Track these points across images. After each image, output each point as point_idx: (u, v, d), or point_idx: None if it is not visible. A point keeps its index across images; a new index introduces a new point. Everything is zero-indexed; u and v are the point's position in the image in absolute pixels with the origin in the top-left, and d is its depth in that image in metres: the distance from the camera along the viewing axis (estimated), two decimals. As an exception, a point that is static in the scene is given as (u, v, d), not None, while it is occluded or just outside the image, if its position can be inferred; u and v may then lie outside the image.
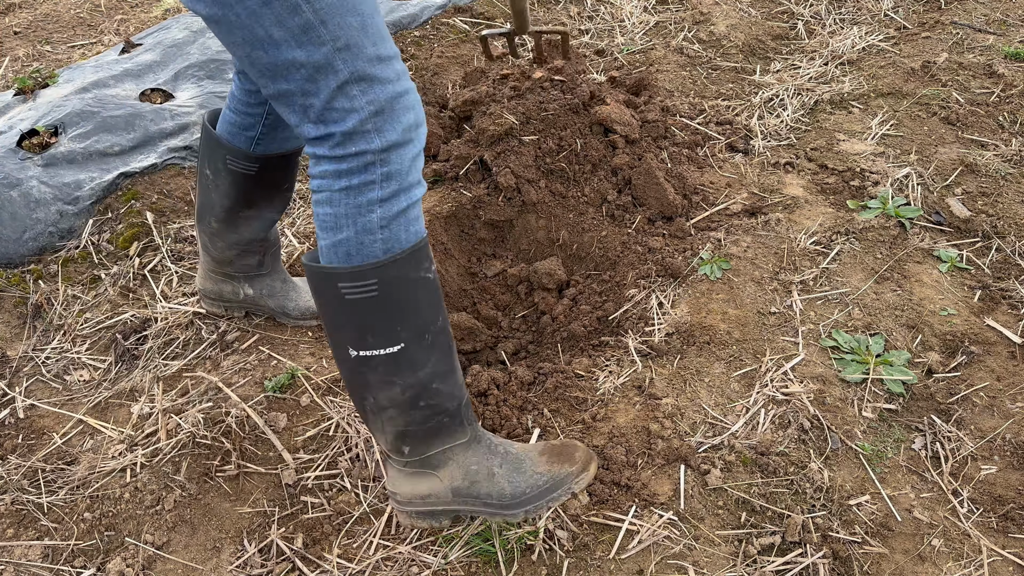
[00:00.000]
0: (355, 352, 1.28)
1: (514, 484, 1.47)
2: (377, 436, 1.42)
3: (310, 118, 1.16)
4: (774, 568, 1.45)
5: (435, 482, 1.44)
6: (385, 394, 1.33)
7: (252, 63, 1.13)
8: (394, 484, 1.47)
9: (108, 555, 1.52)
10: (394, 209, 1.21)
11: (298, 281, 2.01)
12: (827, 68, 3.02)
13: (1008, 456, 1.65)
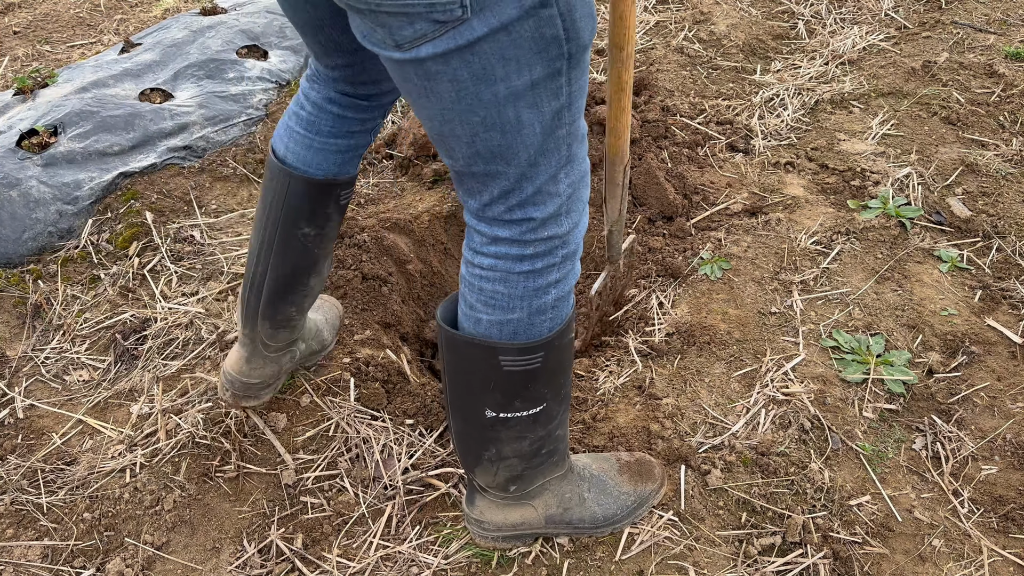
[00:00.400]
0: (493, 414, 1.23)
1: (604, 507, 1.48)
2: (481, 477, 1.36)
3: (509, 202, 1.06)
4: (775, 568, 1.44)
5: (529, 511, 1.43)
6: (512, 447, 1.29)
7: (471, 143, 0.99)
8: (483, 513, 1.43)
9: (108, 555, 1.52)
10: (567, 288, 1.16)
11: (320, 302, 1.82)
12: (827, 68, 3.02)
13: (1009, 456, 1.65)
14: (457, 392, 1.26)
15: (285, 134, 1.42)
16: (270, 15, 3.12)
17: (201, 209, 2.37)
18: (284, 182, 1.40)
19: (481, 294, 1.15)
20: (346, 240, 2.19)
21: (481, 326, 1.17)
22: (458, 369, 1.23)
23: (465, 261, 1.17)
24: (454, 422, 1.31)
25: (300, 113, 1.40)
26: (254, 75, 2.81)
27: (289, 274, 1.49)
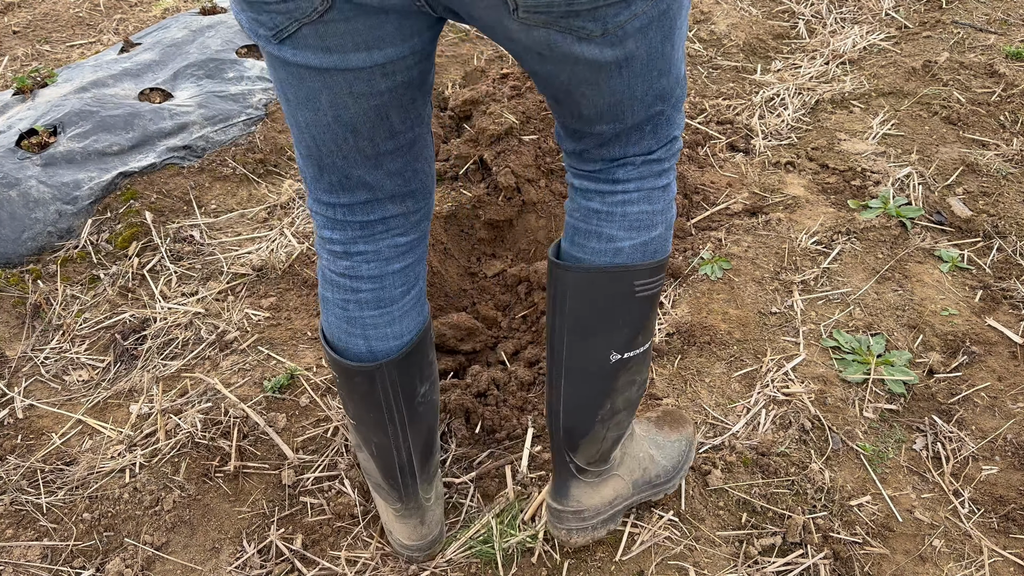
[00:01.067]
0: (617, 356, 1.20)
1: (668, 458, 1.50)
2: (584, 452, 1.31)
3: (660, 133, 1.09)
4: (775, 569, 1.44)
5: (618, 482, 1.42)
6: (624, 396, 1.27)
7: (643, 98, 1.01)
8: (581, 502, 1.38)
9: (107, 556, 1.52)
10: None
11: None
12: (828, 67, 3.02)
13: (1009, 456, 1.64)
14: (580, 344, 1.20)
15: (350, 327, 1.20)
16: (270, 15, 3.12)
17: (201, 209, 2.37)
18: (387, 376, 1.21)
19: (624, 219, 1.14)
20: (346, 240, 2.19)
21: (622, 255, 1.15)
22: (588, 314, 1.18)
23: (598, 194, 1.14)
24: (568, 386, 1.24)
25: (359, 296, 1.18)
26: (254, 75, 2.81)
27: (428, 432, 1.36)
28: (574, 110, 1.04)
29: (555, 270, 1.18)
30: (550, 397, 1.30)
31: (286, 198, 2.42)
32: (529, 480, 1.60)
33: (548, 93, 1.04)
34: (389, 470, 1.33)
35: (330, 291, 1.20)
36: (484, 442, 1.72)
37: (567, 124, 1.10)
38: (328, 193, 1.12)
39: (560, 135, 1.15)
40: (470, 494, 1.60)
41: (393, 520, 1.43)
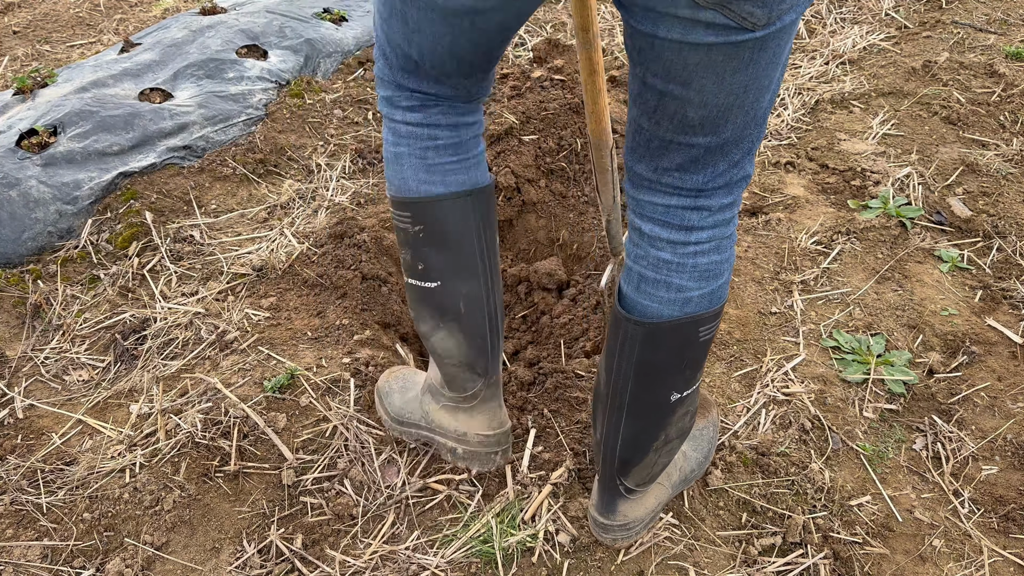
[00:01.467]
0: (677, 395, 1.23)
1: (698, 449, 1.55)
2: (635, 476, 1.34)
3: (741, 164, 1.10)
4: (775, 569, 1.44)
5: (660, 489, 1.44)
6: (677, 427, 1.29)
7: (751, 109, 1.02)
8: (627, 516, 1.41)
9: (107, 556, 1.52)
10: None
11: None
12: (828, 67, 3.02)
13: (1009, 456, 1.64)
14: (645, 387, 1.22)
15: (429, 175, 1.27)
16: (270, 15, 3.12)
17: (201, 209, 2.37)
18: (479, 204, 1.30)
19: (695, 270, 1.15)
20: (346, 240, 2.19)
21: (690, 305, 1.16)
22: (655, 362, 1.20)
23: (669, 244, 1.15)
24: (627, 426, 1.26)
25: (438, 143, 1.26)
26: (254, 75, 2.81)
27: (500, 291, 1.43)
28: (679, 112, 1.02)
29: (624, 323, 1.19)
30: (605, 430, 1.31)
31: (286, 198, 2.42)
32: (529, 480, 1.60)
33: (662, 85, 1.01)
34: (479, 325, 1.37)
35: (406, 145, 1.26)
36: (484, 442, 1.72)
37: (659, 134, 1.07)
38: (413, 81, 1.21)
39: (635, 155, 1.13)
40: (470, 494, 1.60)
41: (468, 420, 1.50)
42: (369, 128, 2.80)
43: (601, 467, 1.37)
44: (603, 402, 1.29)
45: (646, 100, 1.05)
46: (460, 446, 1.55)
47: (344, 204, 2.39)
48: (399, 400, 1.64)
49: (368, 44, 3.17)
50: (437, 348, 1.42)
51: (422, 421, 1.61)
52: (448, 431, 1.55)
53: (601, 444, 1.34)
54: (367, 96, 2.92)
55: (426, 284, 1.35)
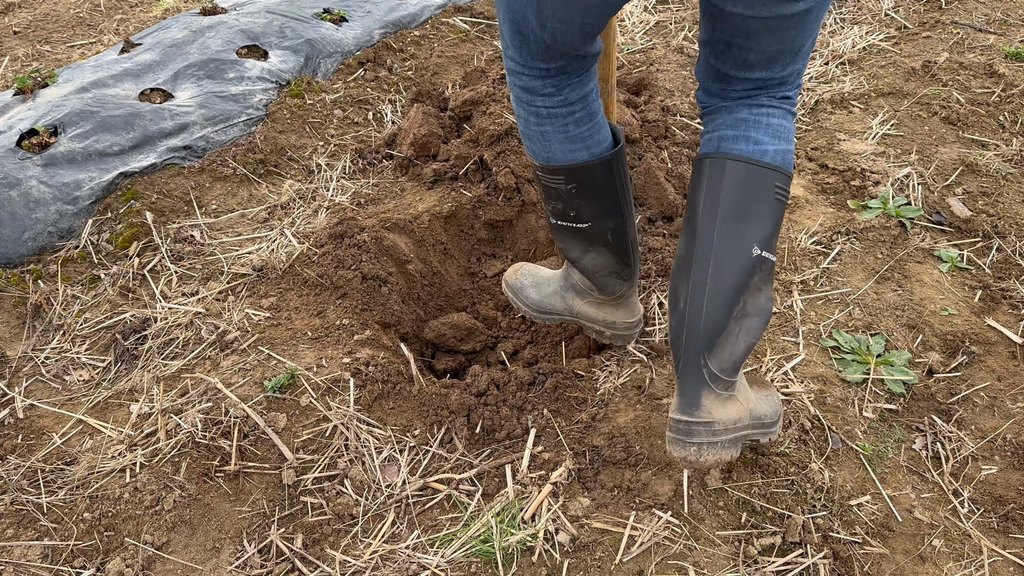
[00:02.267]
0: (758, 251, 1.37)
1: (769, 404, 1.58)
2: (718, 355, 1.38)
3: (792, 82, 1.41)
4: (775, 568, 1.44)
5: (739, 406, 1.46)
6: (753, 300, 1.40)
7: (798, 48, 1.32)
8: (712, 413, 1.39)
9: (108, 555, 1.52)
10: None
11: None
12: (828, 68, 3.02)
13: (1009, 456, 1.65)
14: (732, 231, 1.36)
15: (572, 145, 1.51)
16: (270, 15, 3.13)
17: (201, 209, 2.37)
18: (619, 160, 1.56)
19: (768, 128, 1.40)
20: (346, 240, 2.19)
21: (767, 156, 1.38)
22: (741, 202, 1.37)
23: (745, 106, 1.41)
24: (713, 277, 1.37)
25: (575, 116, 1.48)
26: (254, 75, 2.81)
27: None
28: (741, 57, 1.33)
29: (713, 161, 1.39)
30: (689, 296, 1.38)
31: (286, 198, 2.43)
32: (529, 480, 1.60)
33: (728, 38, 1.31)
34: (623, 247, 1.66)
35: (549, 124, 1.49)
36: (484, 442, 1.72)
37: (723, 71, 1.38)
38: (546, 61, 1.40)
39: (707, 77, 1.43)
40: (470, 493, 1.61)
41: (615, 311, 1.82)
42: (369, 128, 2.80)
43: (685, 350, 1.39)
44: (686, 267, 1.39)
45: (714, 45, 1.35)
46: (608, 330, 1.84)
47: (344, 204, 2.39)
48: (536, 294, 1.90)
49: (368, 44, 3.17)
50: (588, 266, 1.70)
51: (566, 312, 1.87)
52: (596, 320, 1.84)
53: (685, 316, 1.38)
54: (367, 96, 2.92)
55: (578, 225, 1.62)
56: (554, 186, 1.58)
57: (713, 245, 1.35)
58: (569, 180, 1.55)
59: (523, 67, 1.43)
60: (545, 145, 1.52)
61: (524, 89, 1.47)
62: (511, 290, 1.94)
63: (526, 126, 1.52)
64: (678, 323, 1.40)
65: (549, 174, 1.56)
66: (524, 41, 1.38)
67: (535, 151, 1.55)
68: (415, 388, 1.82)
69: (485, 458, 1.68)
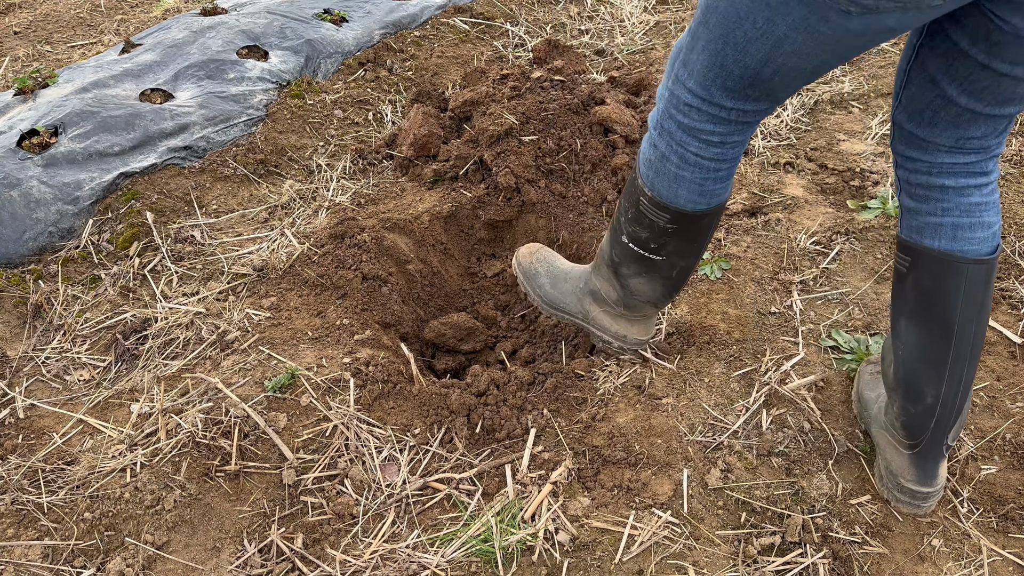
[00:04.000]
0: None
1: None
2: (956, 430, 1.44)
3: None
4: (774, 568, 1.45)
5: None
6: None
7: None
8: (941, 476, 1.52)
9: (108, 555, 1.52)
10: None
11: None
12: (827, 68, 3.02)
13: (1008, 456, 1.65)
14: (982, 330, 1.36)
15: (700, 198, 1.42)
16: (270, 15, 3.13)
17: (201, 209, 2.37)
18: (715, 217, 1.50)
19: (996, 206, 1.33)
20: (346, 240, 2.20)
21: (996, 238, 1.33)
22: (986, 299, 1.34)
23: (976, 188, 1.31)
24: (970, 372, 1.37)
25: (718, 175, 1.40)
26: (254, 75, 2.82)
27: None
28: (1011, 89, 1.16)
29: (969, 268, 1.31)
30: (947, 388, 1.39)
31: (287, 198, 2.43)
32: (529, 479, 1.60)
33: (1007, 71, 1.13)
34: (679, 284, 1.64)
35: (689, 171, 1.38)
36: (484, 441, 1.72)
37: (976, 108, 1.20)
38: (736, 101, 1.27)
39: (936, 132, 1.27)
40: (470, 493, 1.61)
41: (629, 327, 1.77)
42: (369, 128, 2.80)
43: (931, 436, 1.44)
44: (939, 363, 1.37)
45: (978, 80, 1.16)
46: (616, 342, 1.80)
47: (344, 204, 2.40)
48: (550, 288, 1.84)
49: (368, 45, 3.17)
50: (632, 286, 1.64)
51: (579, 315, 1.82)
52: (608, 330, 1.79)
53: (937, 408, 1.40)
54: (367, 96, 2.93)
55: (651, 256, 1.56)
56: (652, 218, 1.47)
57: (972, 350, 1.36)
58: (674, 221, 1.46)
59: (702, 103, 1.29)
60: (671, 187, 1.41)
61: (685, 129, 1.34)
62: (524, 273, 1.87)
63: (662, 162, 1.40)
64: (923, 413, 1.42)
65: (656, 208, 1.45)
66: (723, 74, 1.23)
67: (655, 185, 1.43)
68: (415, 388, 1.82)
69: (485, 458, 1.68)
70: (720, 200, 1.45)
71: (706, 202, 1.43)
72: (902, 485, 1.51)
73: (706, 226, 1.50)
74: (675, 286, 1.64)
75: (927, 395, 1.40)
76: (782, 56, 1.15)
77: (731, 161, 1.39)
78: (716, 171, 1.38)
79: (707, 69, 1.25)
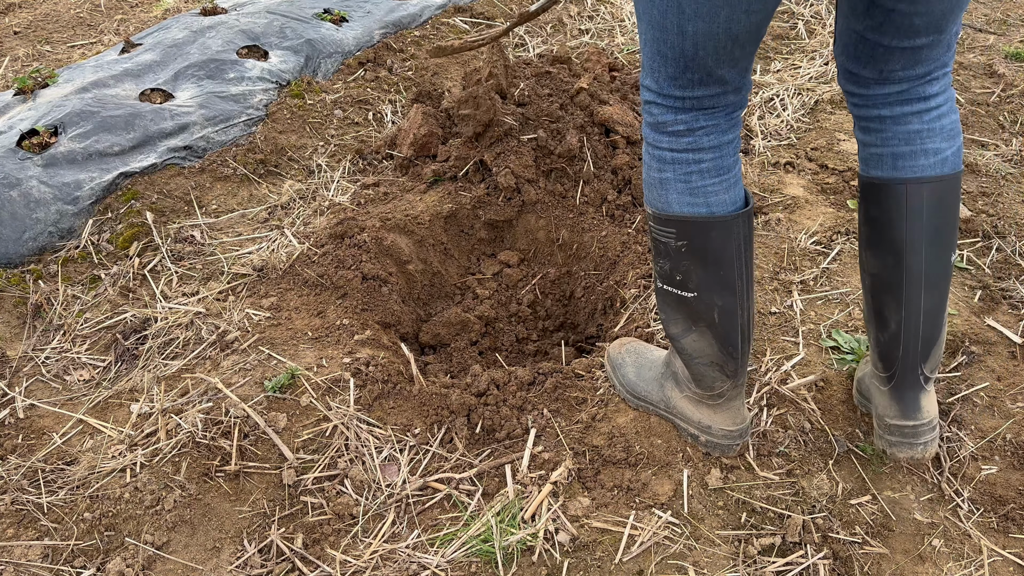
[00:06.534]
0: (954, 256, 1.41)
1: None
2: (933, 360, 1.49)
3: (952, 45, 1.31)
4: (774, 569, 1.44)
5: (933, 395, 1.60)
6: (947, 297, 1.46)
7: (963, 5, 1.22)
8: (929, 411, 1.54)
9: (108, 555, 1.52)
10: None
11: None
12: (827, 67, 3.02)
13: (1008, 456, 1.65)
14: (938, 252, 1.37)
15: (693, 198, 1.36)
16: (270, 15, 3.13)
17: (201, 209, 2.37)
18: (741, 225, 1.39)
19: (942, 131, 1.34)
20: (346, 240, 2.20)
21: (948, 164, 1.35)
22: (943, 222, 1.36)
23: (915, 115, 1.34)
24: (927, 296, 1.40)
25: (701, 167, 1.34)
26: (254, 75, 2.82)
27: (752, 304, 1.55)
28: (905, 24, 1.21)
29: (907, 187, 1.34)
30: (905, 314, 1.43)
31: (287, 198, 2.43)
32: (529, 479, 1.60)
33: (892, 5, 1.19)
34: (730, 337, 1.46)
35: (671, 170, 1.35)
36: (484, 441, 1.72)
37: (884, 42, 1.25)
38: (683, 88, 1.28)
39: (858, 60, 1.32)
40: (470, 493, 1.61)
41: (712, 415, 1.59)
42: (369, 128, 2.80)
43: (902, 365, 1.48)
44: (893, 289, 1.42)
45: (873, 16, 1.23)
46: (703, 435, 1.62)
47: (344, 204, 2.40)
48: (634, 376, 1.72)
49: (368, 45, 3.17)
50: (688, 348, 1.51)
51: (661, 404, 1.68)
52: (691, 420, 1.63)
53: (900, 336, 1.46)
54: (367, 96, 2.92)
55: (683, 293, 1.44)
56: (663, 240, 1.41)
57: (924, 268, 1.38)
58: (680, 235, 1.38)
59: (656, 96, 1.31)
60: (662, 193, 1.38)
61: (653, 127, 1.35)
62: (611, 364, 1.78)
63: (647, 172, 1.40)
64: (890, 341, 1.47)
65: (660, 224, 1.40)
66: (663, 62, 1.26)
67: (650, 198, 1.41)
68: (415, 388, 1.82)
69: (485, 458, 1.68)
70: (724, 209, 1.36)
71: (703, 204, 1.35)
72: (888, 424, 1.55)
73: (718, 245, 1.38)
74: (727, 336, 1.46)
75: (891, 321, 1.46)
76: (690, 23, 1.17)
77: (710, 151, 1.33)
78: (697, 163, 1.34)
79: (651, 62, 1.28)
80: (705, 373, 1.52)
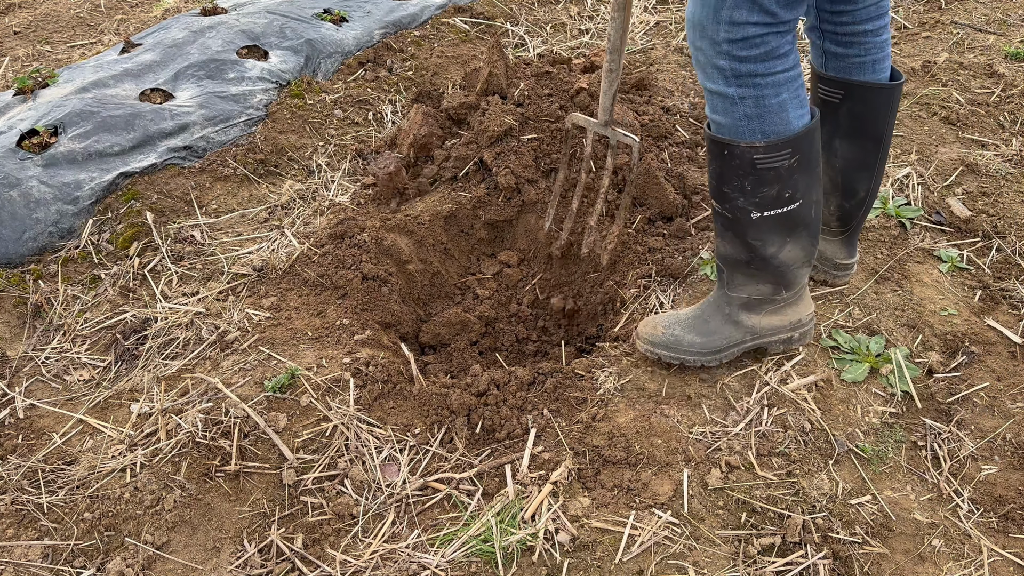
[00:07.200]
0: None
1: None
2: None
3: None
4: (774, 568, 1.45)
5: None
6: None
7: None
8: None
9: (108, 555, 1.52)
10: None
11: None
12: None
13: (1008, 456, 1.65)
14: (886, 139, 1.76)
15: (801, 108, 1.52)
16: (270, 15, 3.13)
17: (201, 209, 2.37)
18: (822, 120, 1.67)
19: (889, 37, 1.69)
20: (346, 240, 2.20)
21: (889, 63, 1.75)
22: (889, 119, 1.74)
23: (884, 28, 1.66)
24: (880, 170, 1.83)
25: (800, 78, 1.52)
26: (254, 75, 2.82)
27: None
28: None
29: (896, 90, 1.72)
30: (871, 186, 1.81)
31: (287, 198, 2.43)
32: (529, 479, 1.60)
33: None
34: (818, 225, 1.66)
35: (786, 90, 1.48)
36: (484, 441, 1.72)
37: None
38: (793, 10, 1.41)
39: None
40: (470, 493, 1.61)
41: (796, 308, 1.77)
42: (369, 128, 2.80)
43: (859, 220, 1.87)
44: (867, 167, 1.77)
45: None
46: (796, 332, 1.79)
47: (344, 204, 2.40)
48: (699, 336, 1.76)
49: (368, 45, 3.17)
50: (785, 260, 1.65)
51: (747, 337, 1.77)
52: (782, 327, 1.77)
53: (865, 202, 1.83)
54: (367, 96, 2.92)
55: (789, 208, 1.57)
56: (775, 166, 1.51)
57: (887, 153, 1.78)
58: (795, 152, 1.51)
59: (768, 27, 1.39)
60: (782, 116, 1.48)
61: (763, 59, 1.43)
62: (663, 347, 1.77)
63: (758, 105, 1.47)
64: (855, 206, 1.84)
65: (774, 152, 1.50)
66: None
67: (766, 129, 1.49)
68: (415, 388, 1.82)
69: (485, 458, 1.68)
70: (813, 113, 1.54)
71: (808, 113, 1.52)
72: (837, 263, 1.94)
73: (817, 144, 1.56)
74: (817, 228, 1.65)
75: (860, 191, 1.81)
76: None
77: (798, 64, 1.50)
78: (799, 76, 1.49)
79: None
80: (796, 274, 1.70)
